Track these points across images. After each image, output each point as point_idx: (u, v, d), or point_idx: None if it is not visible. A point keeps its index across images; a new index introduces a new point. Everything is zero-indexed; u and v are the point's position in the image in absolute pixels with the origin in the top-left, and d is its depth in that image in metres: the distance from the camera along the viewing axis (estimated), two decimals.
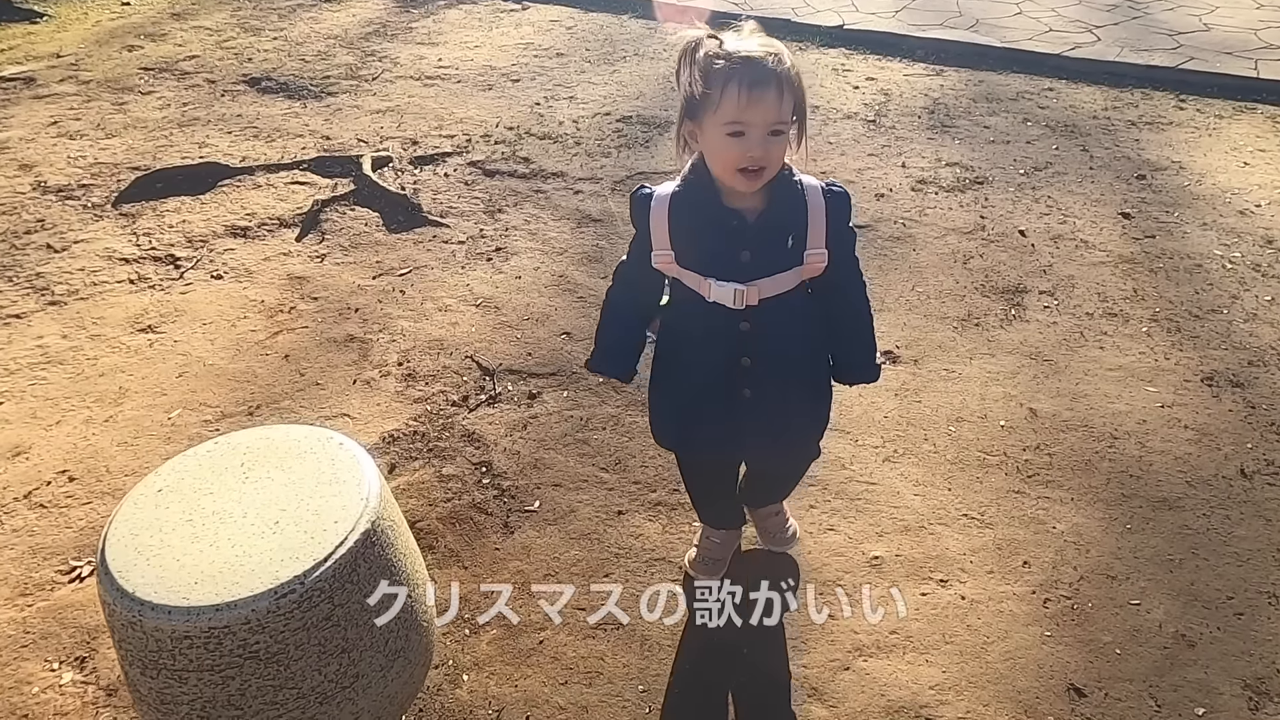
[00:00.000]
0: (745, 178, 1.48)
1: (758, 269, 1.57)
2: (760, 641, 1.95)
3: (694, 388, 1.70)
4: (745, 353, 1.64)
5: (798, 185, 1.57)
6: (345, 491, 1.49)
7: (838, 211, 1.60)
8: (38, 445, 2.48)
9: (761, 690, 1.86)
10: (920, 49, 5.65)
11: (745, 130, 1.44)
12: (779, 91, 1.43)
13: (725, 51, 1.44)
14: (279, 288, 3.18)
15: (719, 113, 1.45)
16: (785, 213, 1.56)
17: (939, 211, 3.75)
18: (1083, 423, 2.60)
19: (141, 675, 1.37)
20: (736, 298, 1.56)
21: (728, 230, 1.55)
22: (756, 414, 1.69)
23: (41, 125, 4.36)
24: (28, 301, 3.09)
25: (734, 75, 1.42)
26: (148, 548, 1.38)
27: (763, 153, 1.46)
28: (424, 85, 4.97)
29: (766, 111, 1.43)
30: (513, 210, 3.71)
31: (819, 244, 1.58)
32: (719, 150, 1.48)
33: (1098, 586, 2.09)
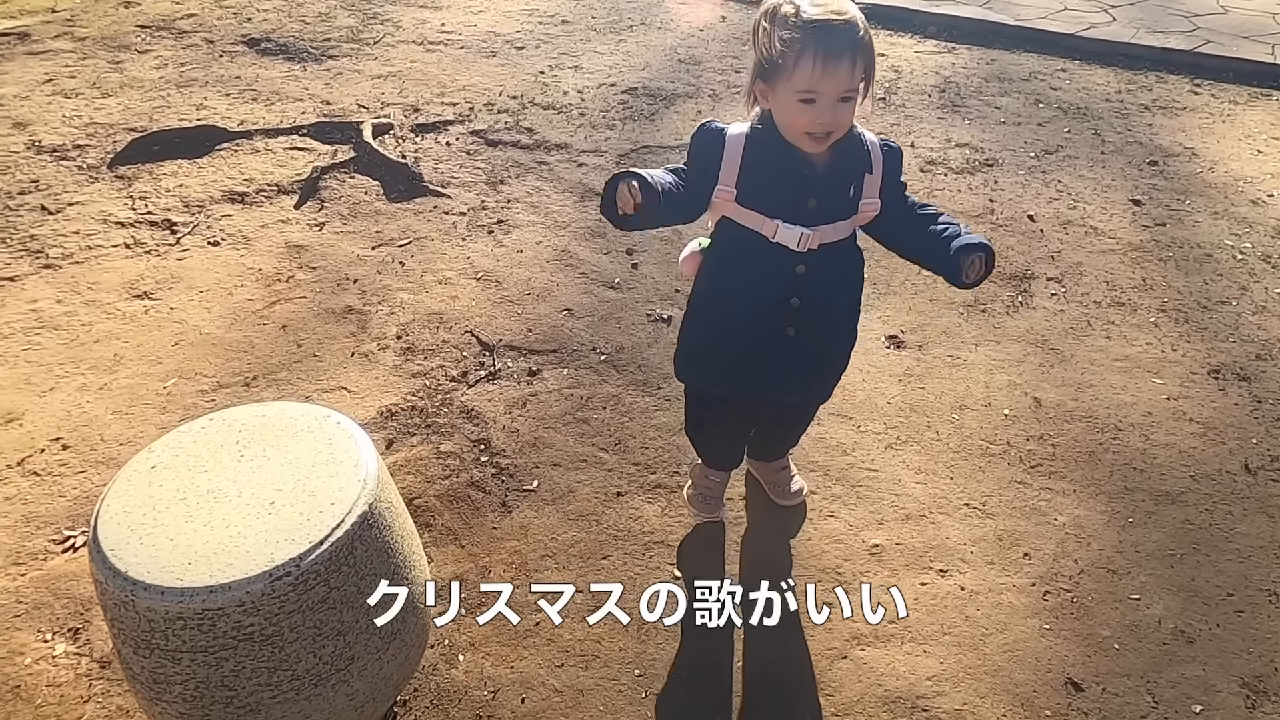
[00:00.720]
0: (812, 140, 1.54)
1: (822, 215, 1.64)
2: (758, 628, 1.94)
3: (738, 327, 1.76)
4: (796, 293, 1.70)
5: (861, 140, 1.65)
6: (342, 472, 1.46)
7: (892, 166, 1.71)
8: (31, 412, 2.45)
9: (758, 677, 1.85)
10: (932, 25, 5.56)
11: (817, 98, 1.49)
12: (852, 61, 1.48)
13: (803, 18, 1.47)
14: (277, 256, 3.14)
15: (792, 80, 1.49)
16: (850, 164, 1.64)
17: (947, 194, 3.69)
18: (1087, 413, 2.58)
19: (134, 654, 1.35)
20: (801, 241, 1.63)
21: (799, 177, 1.61)
22: (795, 352, 1.77)
23: (36, 83, 4.28)
24: (21, 264, 3.04)
25: (809, 44, 1.46)
26: (141, 526, 1.36)
27: (832, 119, 1.51)
28: (426, 50, 4.88)
29: (839, 81, 1.48)
30: (515, 182, 3.66)
31: (874, 194, 1.68)
32: (789, 114, 1.54)
33: (1098, 580, 2.08)
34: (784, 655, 1.89)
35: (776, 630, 1.92)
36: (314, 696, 1.42)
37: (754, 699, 1.82)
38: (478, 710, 1.76)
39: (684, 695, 1.81)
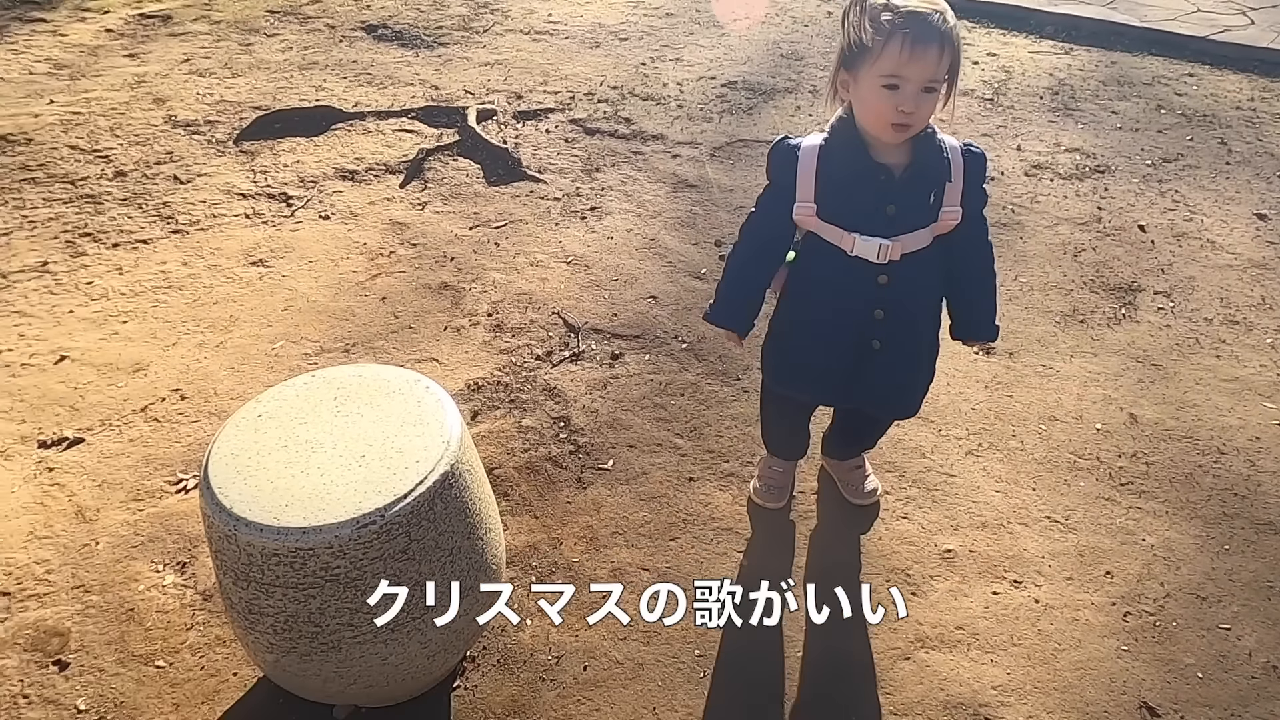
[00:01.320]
0: (893, 130, 1.53)
1: (901, 224, 1.62)
2: (822, 619, 1.93)
3: (824, 337, 1.76)
4: (880, 305, 1.69)
5: (940, 143, 1.63)
6: (428, 433, 1.55)
7: (974, 171, 1.66)
8: (155, 364, 2.65)
9: (818, 668, 1.86)
10: (1050, 25, 5.34)
11: (901, 84, 1.49)
12: (940, 49, 1.48)
13: (893, 4, 1.48)
14: (381, 232, 3.30)
15: (878, 64, 1.49)
16: (929, 169, 1.61)
17: (1052, 199, 3.57)
18: (1188, 433, 2.46)
19: (233, 585, 1.47)
20: (881, 252, 1.62)
21: (876, 184, 1.60)
22: (881, 364, 1.75)
23: (175, 62, 4.60)
24: (154, 229, 3.29)
25: (898, 29, 1.46)
26: (246, 468, 1.47)
27: (914, 107, 1.51)
28: (533, 40, 5.00)
29: (925, 68, 1.48)
30: (610, 170, 3.72)
31: (955, 201, 1.64)
32: (872, 101, 1.53)
33: (1185, 606, 1.99)
34: (846, 650, 1.89)
35: (840, 626, 1.91)
36: (390, 641, 1.51)
37: (812, 688, 1.82)
38: (541, 673, 1.83)
39: (742, 678, 1.84)
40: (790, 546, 2.12)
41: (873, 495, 2.20)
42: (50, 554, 2.06)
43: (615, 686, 1.81)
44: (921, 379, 1.86)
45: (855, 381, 1.78)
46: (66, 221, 3.30)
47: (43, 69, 4.50)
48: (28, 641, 1.87)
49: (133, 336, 2.76)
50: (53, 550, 2.07)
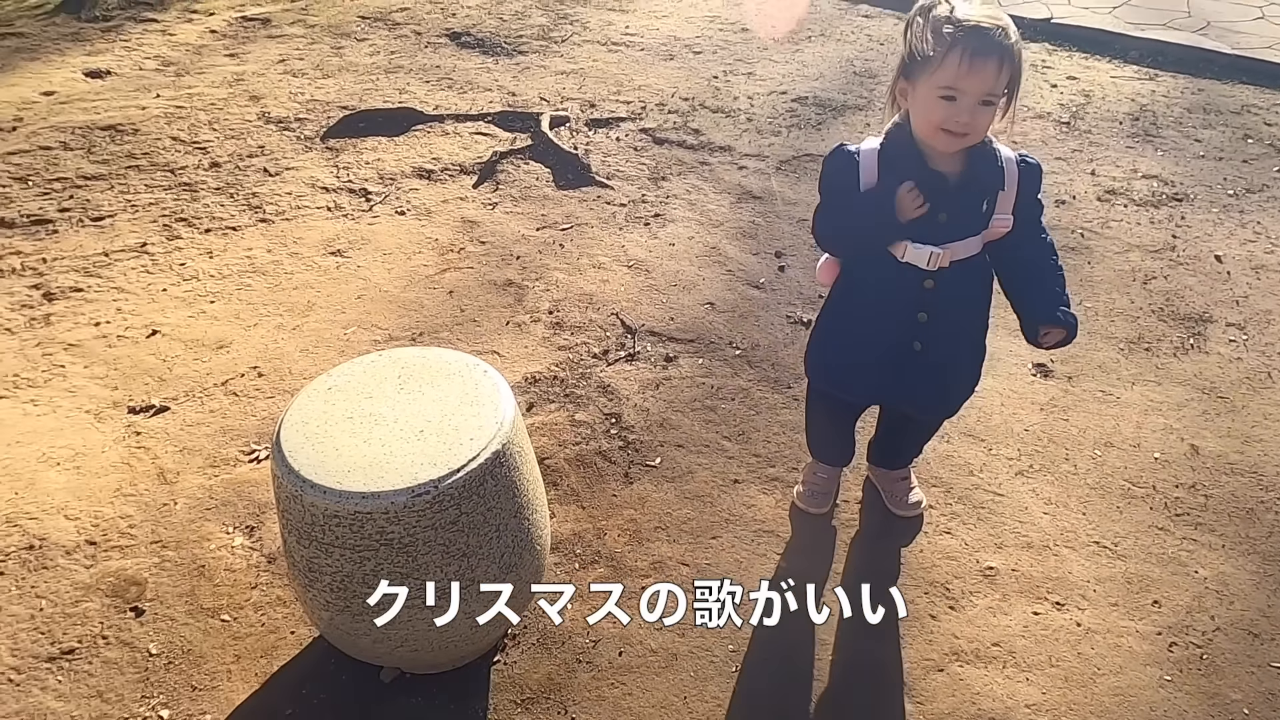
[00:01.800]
0: (947, 137, 1.55)
1: (953, 231, 1.65)
2: (855, 626, 1.96)
3: (867, 336, 1.80)
4: (924, 308, 1.72)
5: (995, 153, 1.65)
6: (483, 413, 1.63)
7: (1029, 182, 1.68)
8: (237, 342, 2.82)
9: (849, 672, 1.88)
10: (1135, 50, 5.22)
11: (958, 96, 1.51)
12: (999, 64, 1.50)
13: (955, 17, 1.50)
14: (452, 229, 3.43)
15: (936, 75, 1.52)
16: (982, 178, 1.64)
17: (1124, 225, 3.50)
18: (1252, 468, 2.39)
19: (297, 543, 1.57)
20: (931, 260, 1.65)
21: (932, 191, 1.62)
22: (922, 366, 1.78)
23: (272, 62, 4.86)
24: (243, 217, 3.49)
25: (958, 42, 1.49)
26: (314, 435, 1.58)
27: (970, 119, 1.53)
28: (609, 51, 5.12)
29: (983, 81, 1.50)
30: (676, 179, 3.80)
31: (1007, 210, 1.67)
32: (928, 110, 1.55)
33: (1236, 641, 1.95)
34: (878, 657, 1.90)
35: (873, 632, 1.94)
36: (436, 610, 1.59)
37: (842, 692, 1.84)
38: (578, 654, 1.90)
39: (774, 676, 1.87)
40: (829, 552, 2.14)
41: (916, 508, 2.21)
42: (133, 510, 2.22)
43: (649, 673, 1.86)
44: (961, 383, 1.88)
45: (895, 381, 1.82)
46: (165, 207, 3.53)
47: (152, 65, 4.81)
48: (109, 588, 2.02)
49: (218, 316, 2.94)
50: (135, 507, 2.23)
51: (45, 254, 3.24)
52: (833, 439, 2.16)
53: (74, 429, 2.47)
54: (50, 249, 3.27)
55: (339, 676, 1.84)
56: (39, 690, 1.81)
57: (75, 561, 2.08)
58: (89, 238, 3.34)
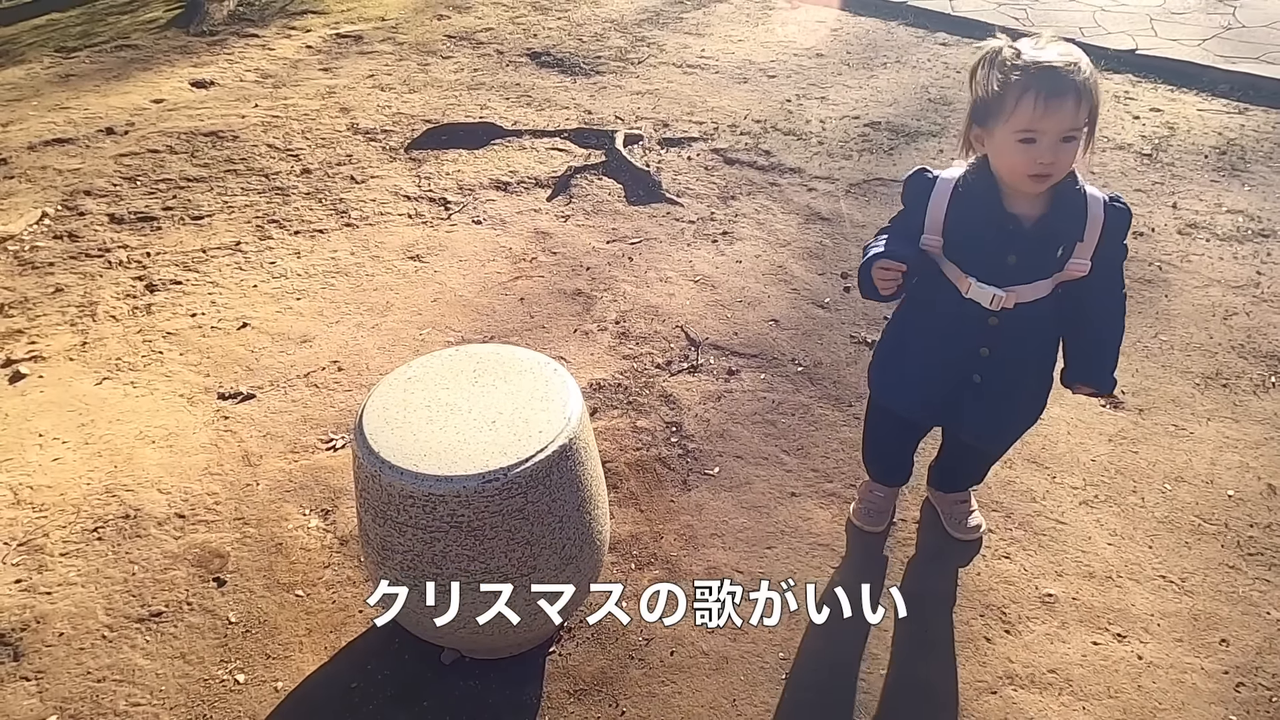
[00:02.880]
0: (1033, 181, 1.53)
1: (1020, 274, 1.63)
2: (909, 641, 1.96)
3: (927, 363, 1.81)
4: (986, 344, 1.72)
5: (1081, 194, 1.60)
6: (552, 409, 1.71)
7: (1114, 227, 1.62)
8: (319, 338, 2.97)
9: (900, 687, 1.88)
10: (1224, 83, 5.09)
11: (1038, 137, 1.48)
12: (1076, 100, 1.46)
13: (1023, 61, 1.48)
14: (526, 239, 3.55)
15: (1013, 120, 1.49)
16: (1062, 222, 1.60)
17: (1205, 260, 3.41)
18: None
19: (373, 522, 1.67)
20: (994, 301, 1.63)
21: (1003, 233, 1.60)
22: (979, 398, 1.77)
23: (362, 76, 5.10)
24: (330, 221, 3.67)
25: (1031, 84, 1.46)
26: (394, 420, 1.67)
27: (1053, 158, 1.50)
28: (684, 73, 5.22)
29: (1061, 120, 1.47)
30: (745, 199, 3.85)
31: (1085, 255, 1.62)
32: (1008, 155, 1.53)
33: None
34: (931, 674, 1.90)
35: (927, 649, 1.94)
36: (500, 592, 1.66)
37: (891, 707, 1.85)
38: (631, 651, 1.94)
39: (823, 685, 1.88)
40: (883, 569, 2.15)
41: (975, 532, 2.20)
42: (219, 488, 2.35)
43: (699, 674, 1.90)
44: (1017, 419, 1.87)
45: (951, 409, 1.83)
46: (258, 209, 3.74)
47: (252, 77, 5.10)
48: (195, 558, 2.15)
49: (303, 312, 3.10)
50: (221, 485, 2.36)
51: (149, 248, 3.46)
52: (890, 458, 2.16)
53: (169, 411, 2.64)
54: (154, 244, 3.50)
55: (402, 655, 1.92)
56: (129, 648, 1.94)
57: (165, 532, 2.22)
58: (189, 235, 3.56)
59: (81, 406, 2.66)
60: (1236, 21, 5.88)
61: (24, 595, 2.06)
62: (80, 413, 2.64)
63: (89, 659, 1.92)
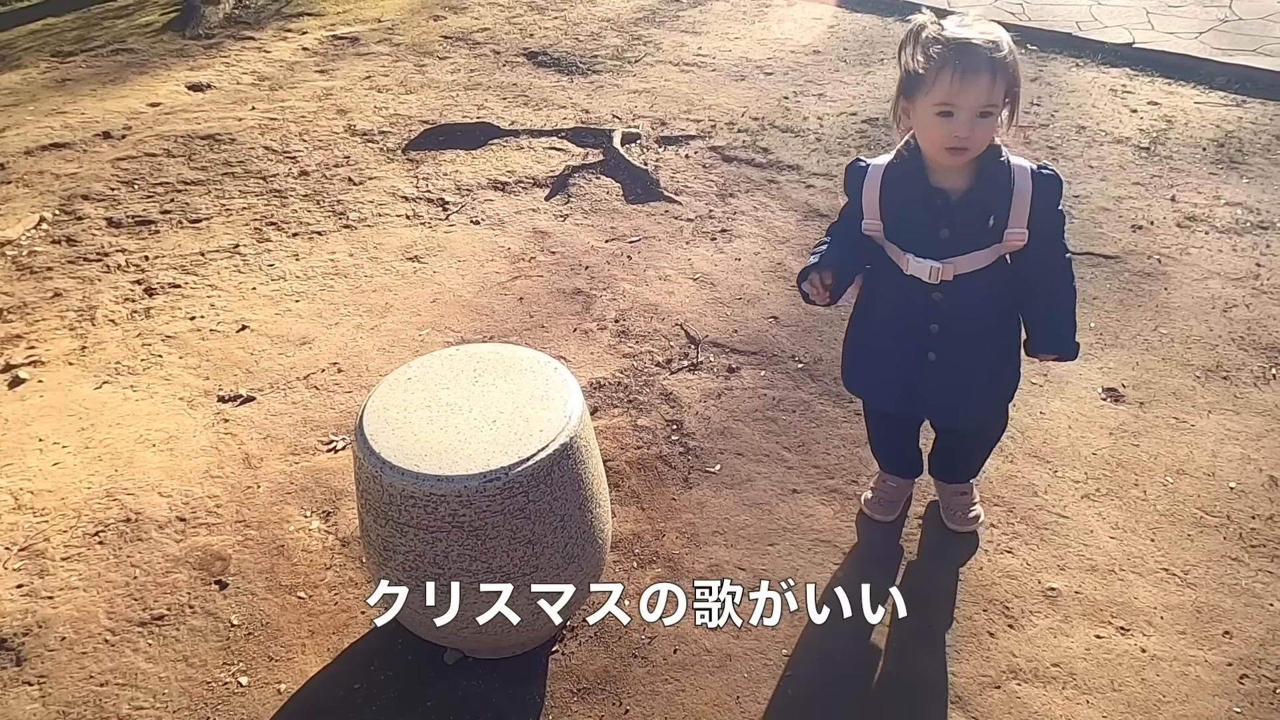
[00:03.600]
0: (950, 154, 1.59)
1: (955, 246, 1.68)
2: (912, 638, 1.96)
3: (883, 347, 1.86)
4: (935, 320, 1.76)
5: (1005, 165, 1.65)
6: (553, 407, 1.70)
7: (1045, 194, 1.66)
8: (319, 339, 2.97)
9: (902, 683, 1.88)
10: (1221, 76, 5.08)
11: (955, 111, 1.55)
12: (991, 76, 1.53)
13: (944, 36, 1.55)
14: (524, 239, 3.54)
15: (932, 93, 1.56)
16: (989, 192, 1.65)
17: (1205, 253, 3.41)
18: None
19: (374, 523, 1.66)
20: (932, 273, 1.69)
21: (931, 208, 1.66)
22: (939, 376, 1.82)
23: (359, 78, 5.10)
24: (328, 222, 3.67)
25: (949, 60, 1.53)
26: (394, 420, 1.67)
27: (969, 132, 1.56)
28: (681, 71, 5.22)
29: (977, 95, 1.53)
30: (743, 196, 3.85)
31: (1020, 224, 1.66)
32: (928, 128, 1.59)
33: None
34: (933, 671, 1.90)
35: (930, 645, 1.94)
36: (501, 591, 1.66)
37: (894, 703, 1.84)
38: (634, 649, 1.94)
39: (826, 681, 1.88)
40: (886, 564, 2.14)
41: (972, 523, 2.20)
42: (220, 491, 2.35)
43: (703, 672, 1.90)
44: (978, 395, 1.90)
45: (913, 389, 1.86)
46: (256, 211, 3.74)
47: (248, 80, 5.10)
48: (196, 561, 2.15)
49: (302, 314, 3.10)
50: (222, 488, 2.36)
51: (147, 252, 3.46)
52: (892, 449, 2.17)
53: (169, 414, 2.64)
54: (152, 247, 3.49)
55: (405, 656, 1.92)
56: (131, 652, 1.94)
57: (167, 535, 2.22)
58: (187, 238, 3.56)
59: (81, 411, 2.66)
60: (1233, 14, 5.87)
61: (26, 600, 2.06)
62: (80, 417, 2.63)
63: (91, 663, 1.92)
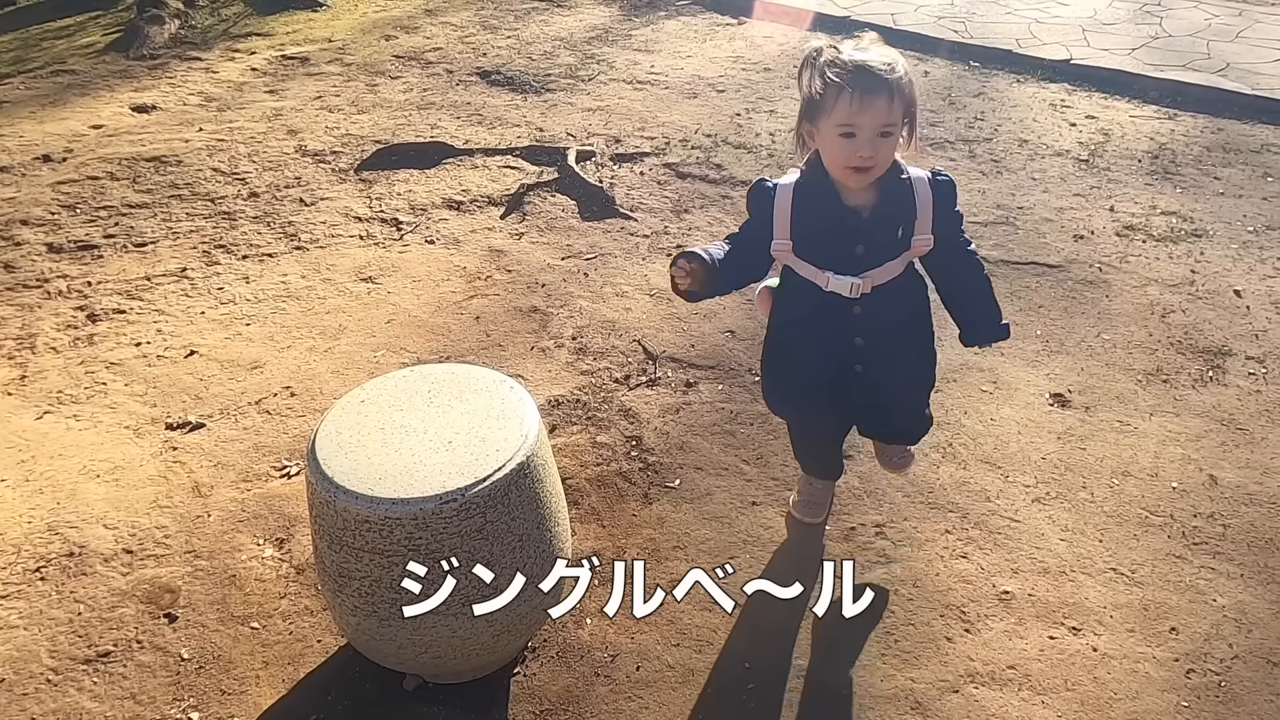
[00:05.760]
0: (855, 174, 1.63)
1: (870, 260, 1.73)
2: (873, 646, 1.98)
3: (809, 366, 1.87)
4: (858, 333, 1.81)
5: (905, 180, 1.72)
6: (509, 427, 1.70)
7: (943, 198, 1.75)
8: (270, 363, 2.92)
9: (863, 692, 1.89)
10: (1154, 90, 5.28)
11: (856, 131, 1.59)
12: (889, 97, 1.58)
13: (841, 60, 1.59)
14: (480, 257, 3.53)
15: (833, 115, 1.60)
16: (895, 206, 1.72)
17: (1143, 260, 3.53)
18: (1271, 499, 2.39)
19: (328, 549, 1.64)
20: (853, 289, 1.73)
21: (845, 226, 1.71)
22: (868, 385, 1.86)
23: (309, 98, 5.05)
24: (279, 244, 3.61)
25: (847, 83, 1.57)
26: (348, 444, 1.65)
27: (871, 152, 1.60)
28: (634, 89, 5.26)
29: (876, 115, 1.58)
30: (698, 212, 3.88)
31: (925, 230, 1.74)
32: (832, 149, 1.63)
33: (1254, 669, 1.94)
34: (894, 678, 1.92)
35: (893, 653, 1.96)
36: (460, 614, 1.64)
37: (857, 711, 1.86)
38: (597, 669, 1.93)
39: (790, 693, 1.89)
40: (837, 569, 2.16)
41: (905, 463, 2.22)
42: (169, 521, 2.29)
43: (665, 688, 1.89)
44: (908, 399, 1.96)
45: (841, 402, 1.91)
46: (205, 234, 3.67)
47: (195, 101, 5.02)
48: (144, 595, 2.08)
49: (253, 338, 3.04)
50: (171, 518, 2.30)
51: (90, 277, 3.37)
52: (817, 456, 2.20)
53: (114, 444, 2.57)
54: (95, 273, 3.41)
55: (363, 684, 1.88)
56: (75, 691, 1.87)
57: (112, 569, 2.15)
58: (132, 262, 3.48)
59: (21, 442, 2.57)
60: (1163, 31, 6.11)
61: None
62: (20, 449, 2.55)
63: (33, 704, 1.85)
